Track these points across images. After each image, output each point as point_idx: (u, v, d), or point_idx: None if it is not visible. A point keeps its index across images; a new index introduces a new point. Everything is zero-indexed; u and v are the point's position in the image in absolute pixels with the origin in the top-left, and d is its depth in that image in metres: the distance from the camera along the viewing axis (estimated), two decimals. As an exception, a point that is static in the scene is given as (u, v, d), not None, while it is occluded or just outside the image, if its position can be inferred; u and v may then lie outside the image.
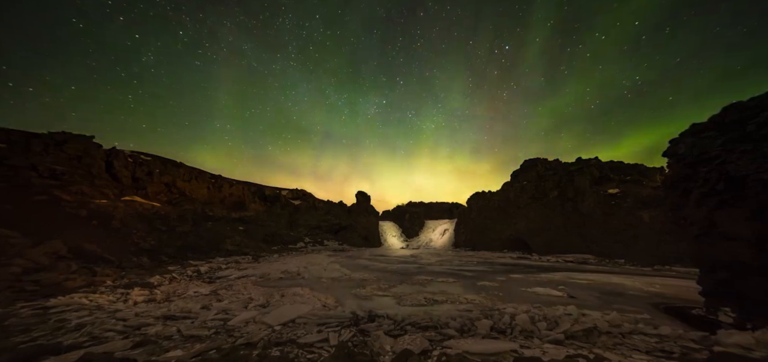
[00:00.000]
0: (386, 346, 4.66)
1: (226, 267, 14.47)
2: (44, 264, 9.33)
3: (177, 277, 11.21)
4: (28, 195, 13.79)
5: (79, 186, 16.69)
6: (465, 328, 5.52)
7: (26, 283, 7.84)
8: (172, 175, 25.50)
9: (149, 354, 4.26)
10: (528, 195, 28.77)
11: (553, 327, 5.52)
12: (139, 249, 14.71)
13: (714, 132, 6.50)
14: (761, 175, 5.26)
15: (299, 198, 40.30)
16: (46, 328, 5.15)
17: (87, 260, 11.13)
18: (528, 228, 27.46)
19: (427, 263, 18.50)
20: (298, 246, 28.88)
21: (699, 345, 4.69)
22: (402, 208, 53.12)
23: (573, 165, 27.51)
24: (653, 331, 5.26)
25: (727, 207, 6.06)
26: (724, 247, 6.08)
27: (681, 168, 7.24)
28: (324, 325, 5.69)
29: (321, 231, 36.28)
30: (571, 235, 24.05)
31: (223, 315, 6.35)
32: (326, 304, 7.68)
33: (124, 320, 5.72)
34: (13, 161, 14.87)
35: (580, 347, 4.63)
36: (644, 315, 6.56)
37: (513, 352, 4.34)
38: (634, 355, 4.33)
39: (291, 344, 4.71)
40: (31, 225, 11.59)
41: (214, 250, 19.19)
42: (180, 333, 5.07)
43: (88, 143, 19.33)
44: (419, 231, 44.92)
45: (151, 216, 19.11)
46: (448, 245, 37.22)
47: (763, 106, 5.56)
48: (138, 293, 8.30)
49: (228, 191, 30.92)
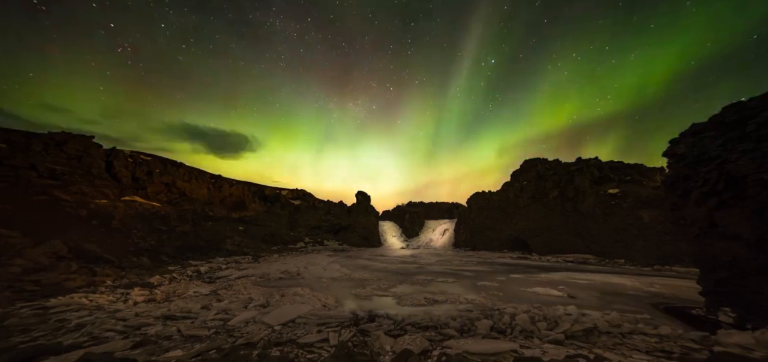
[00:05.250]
0: (386, 346, 4.66)
1: (226, 267, 14.46)
2: (44, 264, 9.33)
3: (177, 277, 11.21)
4: (28, 195, 13.79)
5: (79, 186, 16.69)
6: (465, 328, 5.53)
7: (26, 283, 7.84)
8: (172, 175, 25.50)
9: (149, 354, 4.26)
10: (528, 195, 28.77)
11: (553, 327, 5.53)
12: (139, 249, 14.71)
13: (714, 132, 6.50)
14: (761, 174, 5.26)
15: (299, 198, 40.30)
16: (46, 328, 5.15)
17: (87, 260, 11.13)
18: (528, 228, 27.46)
19: (427, 263, 18.50)
20: (298, 246, 28.87)
21: (699, 345, 4.69)
22: (402, 208, 53.10)
23: (573, 165, 27.52)
24: (653, 331, 5.27)
25: (727, 207, 6.06)
26: (724, 247, 6.08)
27: (681, 168, 7.24)
28: (324, 325, 5.69)
29: (321, 231, 36.28)
30: (571, 235, 24.05)
31: (223, 315, 6.36)
32: (326, 304, 7.68)
33: (124, 320, 5.72)
34: (13, 161, 14.87)
35: (580, 347, 4.63)
36: (644, 315, 6.56)
37: (513, 352, 4.34)
38: (634, 355, 4.33)
39: (291, 344, 4.71)
40: (31, 225, 11.59)
41: (214, 250, 19.19)
42: (180, 333, 5.07)
43: (88, 143, 19.34)
44: (419, 231, 44.91)
45: (151, 216, 19.11)
46: (448, 245, 37.21)
47: (763, 106, 5.56)
48: (138, 293, 8.30)
49: (228, 191, 30.92)
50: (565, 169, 27.47)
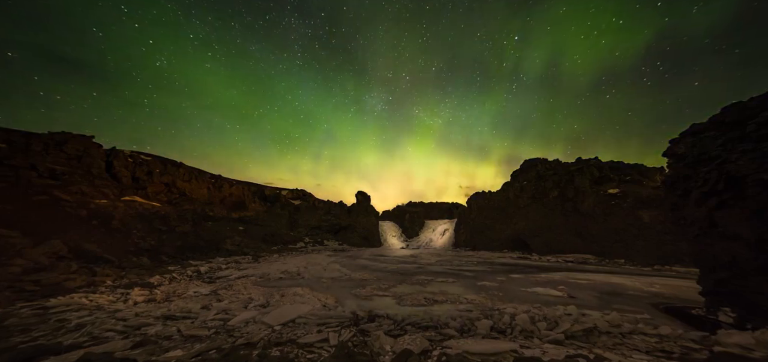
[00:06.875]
0: (386, 346, 4.66)
1: (226, 267, 14.46)
2: (44, 264, 9.33)
3: (177, 277, 11.21)
4: (28, 195, 13.79)
5: (79, 186, 16.69)
6: (465, 328, 5.52)
7: (26, 283, 7.83)
8: (172, 175, 25.49)
9: (149, 354, 4.26)
10: (528, 195, 28.78)
11: (553, 327, 5.52)
12: (139, 249, 14.70)
13: (714, 132, 6.50)
14: (761, 174, 5.26)
15: (299, 198, 40.30)
16: (46, 328, 5.15)
17: (87, 260, 11.13)
18: (528, 228, 27.46)
19: (427, 263, 18.49)
20: (298, 246, 28.87)
21: (699, 345, 4.69)
22: (402, 208, 53.12)
23: (573, 165, 27.54)
24: (653, 331, 5.27)
25: (727, 207, 6.06)
26: (724, 247, 6.08)
27: (681, 168, 7.24)
28: (324, 325, 5.69)
29: (321, 231, 36.28)
30: (571, 235, 24.05)
31: (223, 315, 6.35)
32: (326, 304, 7.68)
33: (124, 320, 5.72)
34: (13, 161, 14.87)
35: (580, 347, 4.63)
36: (644, 315, 6.56)
37: (513, 352, 4.34)
38: (634, 355, 4.33)
39: (291, 344, 4.71)
40: (31, 225, 11.59)
41: (214, 250, 19.18)
42: (180, 333, 5.07)
43: (88, 143, 19.32)
44: (419, 231, 44.91)
45: (151, 216, 19.11)
46: (448, 245, 37.21)
47: (763, 106, 5.56)
48: (138, 293, 8.30)
49: (228, 191, 30.92)
50: (565, 169, 27.48)
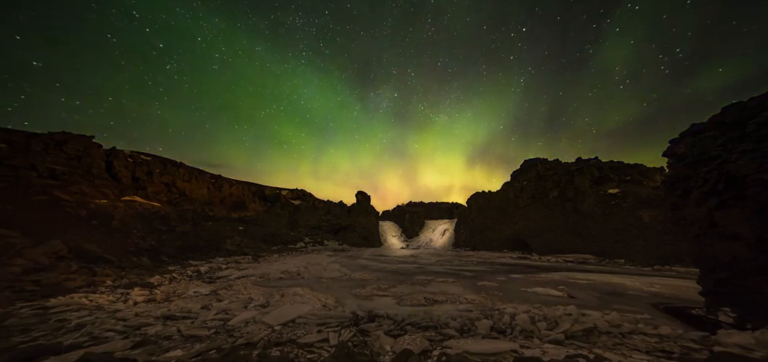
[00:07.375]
0: (386, 346, 4.66)
1: (226, 267, 14.46)
2: (44, 264, 9.33)
3: (177, 277, 11.21)
4: (28, 195, 13.79)
5: (79, 186, 16.69)
6: (465, 328, 5.52)
7: (26, 283, 7.83)
8: (172, 175, 25.49)
9: (149, 354, 4.26)
10: (528, 195, 28.78)
11: (553, 327, 5.52)
12: (139, 249, 14.70)
13: (714, 132, 6.49)
14: (761, 174, 5.26)
15: (299, 198, 40.29)
16: (46, 328, 5.15)
17: (87, 260, 11.13)
18: (528, 228, 27.46)
19: (427, 263, 18.49)
20: (298, 246, 28.87)
21: (699, 345, 4.69)
22: (402, 208, 53.12)
23: (573, 165, 27.55)
24: (653, 331, 5.26)
25: (727, 207, 6.06)
26: (724, 247, 6.08)
27: (681, 168, 7.24)
28: (324, 325, 5.69)
29: (321, 231, 36.28)
30: (571, 235, 24.05)
31: (223, 315, 6.35)
32: (326, 304, 7.68)
33: (124, 320, 5.72)
34: (13, 161, 14.87)
35: (580, 347, 4.63)
36: (644, 315, 6.56)
37: (513, 352, 4.34)
38: (634, 355, 4.33)
39: (291, 344, 4.71)
40: (31, 225, 11.59)
41: (214, 250, 19.18)
42: (180, 333, 5.07)
43: (88, 143, 19.33)
44: (419, 231, 44.91)
45: (151, 216, 19.11)
46: (448, 245, 37.21)
47: (763, 106, 5.56)
48: (138, 293, 8.30)
49: (228, 191, 30.91)
50: (565, 169, 27.48)
